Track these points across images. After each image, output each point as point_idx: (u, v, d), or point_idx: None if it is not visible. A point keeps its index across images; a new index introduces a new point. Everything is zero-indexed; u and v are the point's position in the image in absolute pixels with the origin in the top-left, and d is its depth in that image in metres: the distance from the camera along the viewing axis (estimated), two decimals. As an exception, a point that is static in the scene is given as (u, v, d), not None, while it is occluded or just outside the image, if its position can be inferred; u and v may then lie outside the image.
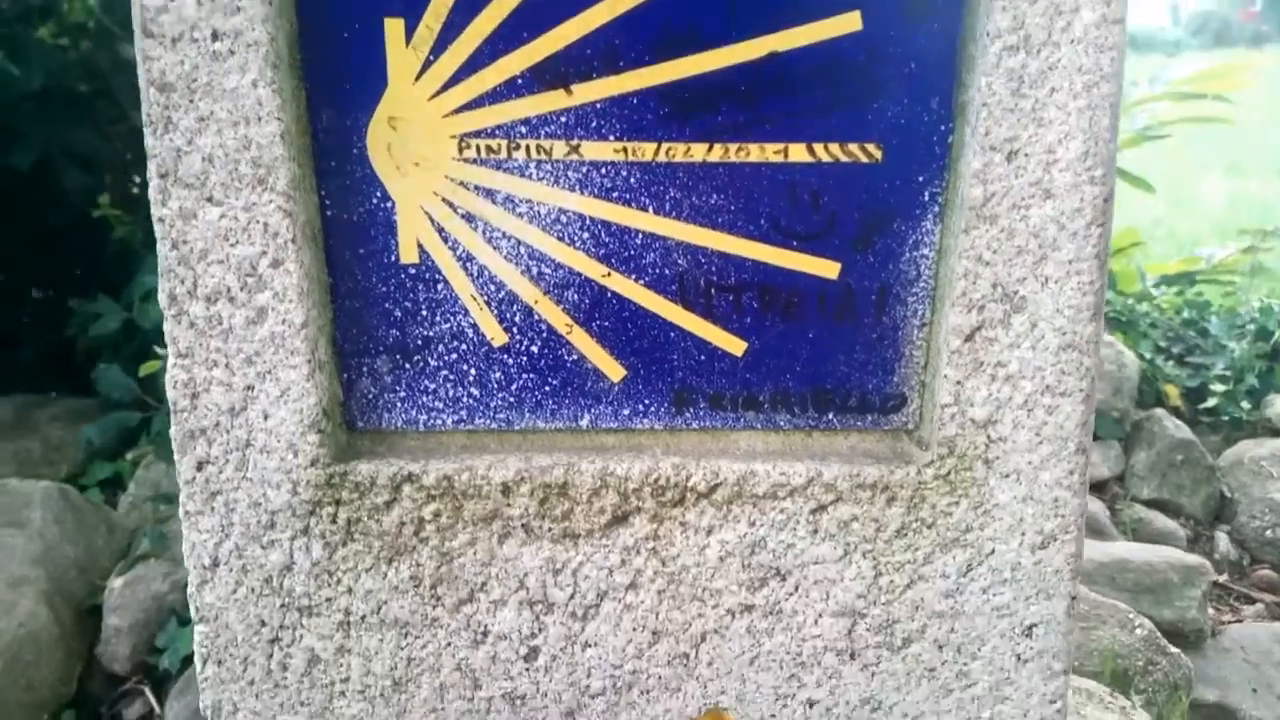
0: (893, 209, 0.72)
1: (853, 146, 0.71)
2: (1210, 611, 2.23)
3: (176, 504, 0.80)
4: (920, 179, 0.73)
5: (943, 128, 0.72)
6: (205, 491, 0.77)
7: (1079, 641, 1.85)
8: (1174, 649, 1.89)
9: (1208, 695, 1.96)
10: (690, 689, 0.85)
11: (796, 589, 0.82)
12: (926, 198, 0.73)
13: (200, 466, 0.76)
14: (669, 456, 0.78)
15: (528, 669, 0.84)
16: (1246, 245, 3.60)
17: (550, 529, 0.80)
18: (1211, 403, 2.89)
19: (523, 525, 0.80)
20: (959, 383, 0.75)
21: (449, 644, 0.83)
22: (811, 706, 0.85)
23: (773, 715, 0.86)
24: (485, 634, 0.83)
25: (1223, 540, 2.50)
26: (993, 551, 0.80)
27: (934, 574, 0.81)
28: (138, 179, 2.53)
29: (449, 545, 0.80)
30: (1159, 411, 2.70)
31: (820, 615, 0.82)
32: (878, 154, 0.71)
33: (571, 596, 0.82)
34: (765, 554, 0.80)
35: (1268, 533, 2.46)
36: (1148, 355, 2.93)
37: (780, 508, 0.79)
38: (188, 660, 1.71)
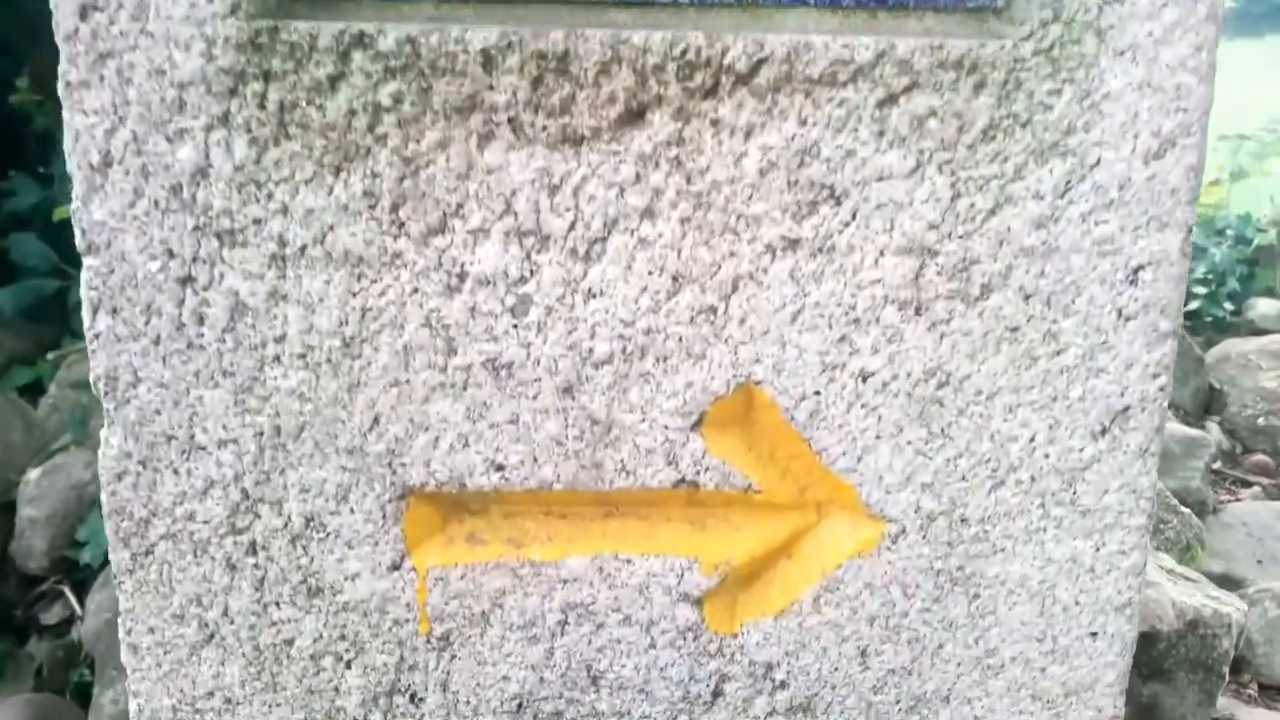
0: None
1: None
2: (1211, 494, 2.13)
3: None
4: None
5: None
6: (92, 52, 0.58)
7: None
8: (1185, 509, 1.78)
9: (1214, 567, 1.86)
10: (717, 355, 0.68)
11: (854, 216, 0.65)
12: None
13: (84, 13, 0.57)
14: (700, 25, 0.61)
15: (516, 326, 0.67)
16: (1236, 172, 3.54)
17: (545, 127, 0.62)
18: (1194, 305, 2.81)
19: (510, 120, 0.62)
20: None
21: (415, 289, 0.65)
22: (865, 380, 0.69)
23: (817, 392, 0.69)
24: (462, 277, 0.65)
25: (1214, 430, 2.41)
26: (1098, 162, 0.65)
27: (1025, 194, 0.65)
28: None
29: (414, 148, 0.62)
30: (1146, 304, 2.59)
31: (882, 253, 0.66)
32: None
33: (572, 226, 0.65)
34: (818, 165, 0.64)
35: (1259, 420, 2.38)
36: (1129, 261, 2.83)
37: (840, 99, 0.62)
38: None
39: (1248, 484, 2.29)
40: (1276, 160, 3.60)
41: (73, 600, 1.73)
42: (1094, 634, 0.76)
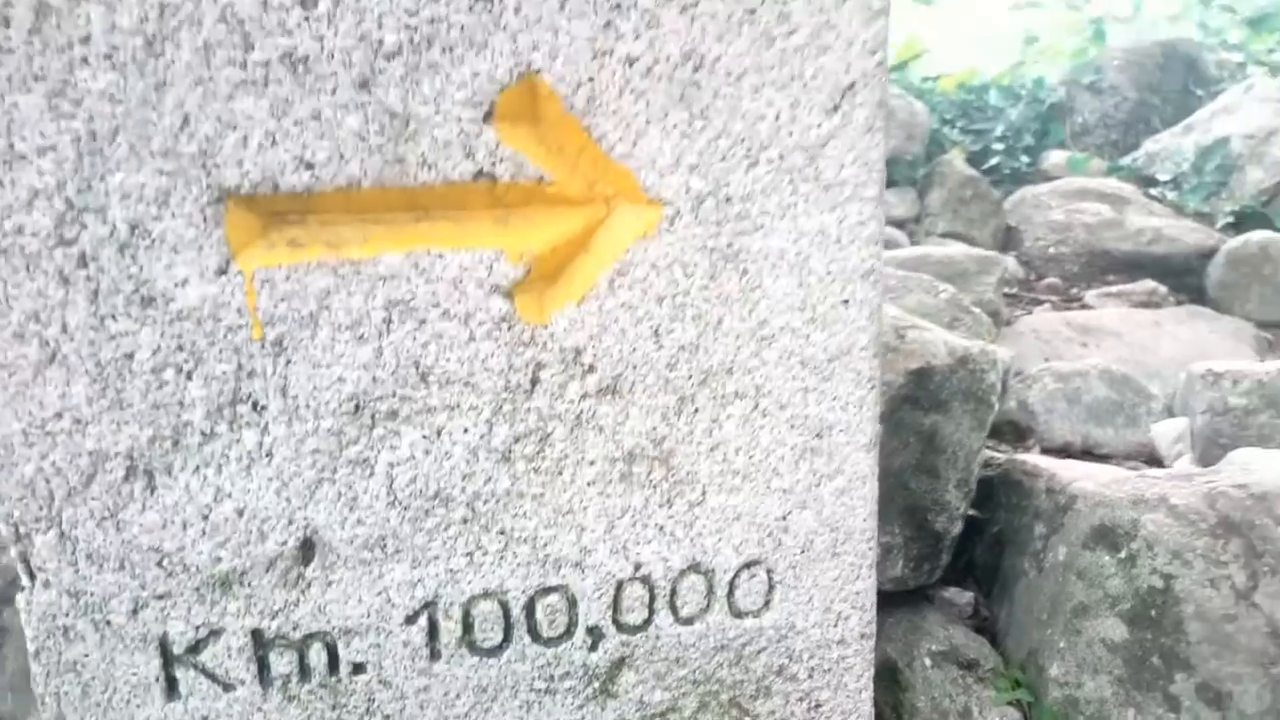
0: None
1: None
2: (1005, 309, 2.38)
3: None
4: None
5: None
6: None
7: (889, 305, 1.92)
8: (976, 309, 2.00)
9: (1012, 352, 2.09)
10: (497, 43, 0.77)
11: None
12: None
13: None
14: None
15: (307, 19, 0.73)
16: (1019, 55, 3.83)
17: None
18: (994, 161, 3.07)
19: None
20: None
21: None
22: (631, 65, 0.79)
23: (590, 79, 0.79)
24: None
25: (1011, 262, 2.67)
26: None
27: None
28: None
29: None
30: (949, 155, 2.84)
31: (633, -59, 0.76)
32: None
33: (352, -81, 0.72)
34: None
35: (1050, 250, 2.66)
36: (935, 126, 3.07)
37: None
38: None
39: (1040, 302, 2.57)
40: (1068, 27, 3.92)
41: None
42: (845, 301, 0.90)
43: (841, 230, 0.85)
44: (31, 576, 0.82)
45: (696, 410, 0.88)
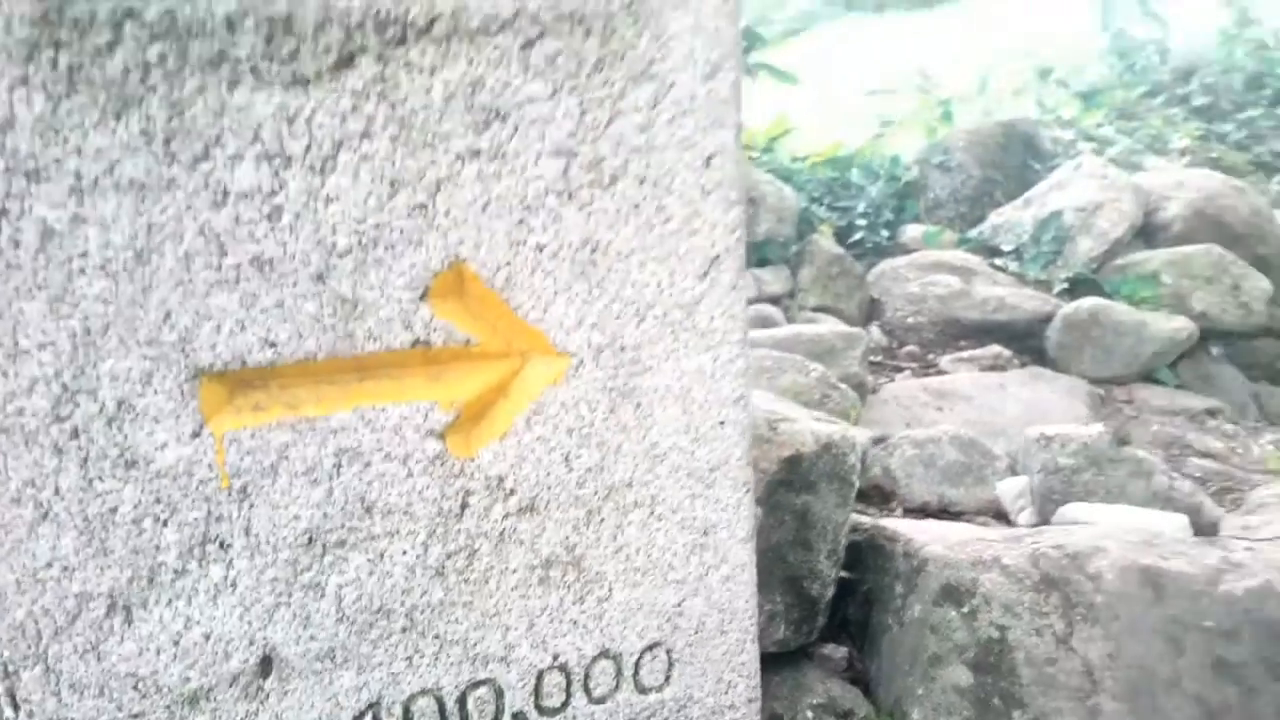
0: None
1: None
2: (871, 378, 2.63)
3: None
4: None
5: None
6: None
7: (766, 387, 2.13)
8: (843, 385, 2.23)
9: (872, 431, 2.33)
10: (431, 240, 0.93)
11: (516, 130, 0.92)
12: None
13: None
14: (387, -4, 0.86)
15: (273, 229, 0.88)
16: (877, 132, 4.18)
17: (279, 72, 0.84)
18: (858, 235, 3.36)
19: (251, 68, 0.83)
20: (631, -84, 0.89)
21: (189, 206, 0.85)
22: (541, 250, 0.97)
23: (508, 263, 0.96)
24: (226, 194, 0.86)
25: (875, 331, 2.94)
26: (674, 83, 0.95)
27: (630, 108, 0.94)
28: None
29: (178, 94, 0.82)
30: (817, 234, 3.11)
31: (539, 156, 0.93)
32: None
33: (308, 148, 0.87)
34: (485, 93, 0.90)
35: (908, 320, 2.93)
36: (804, 204, 3.35)
37: (494, 44, 0.89)
38: None
39: (901, 369, 2.84)
40: (923, 110, 4.29)
41: None
42: (722, 422, 1.09)
43: (715, 367, 1.04)
44: (15, 708, 0.92)
45: (602, 520, 1.05)
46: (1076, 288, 3.07)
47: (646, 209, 0.95)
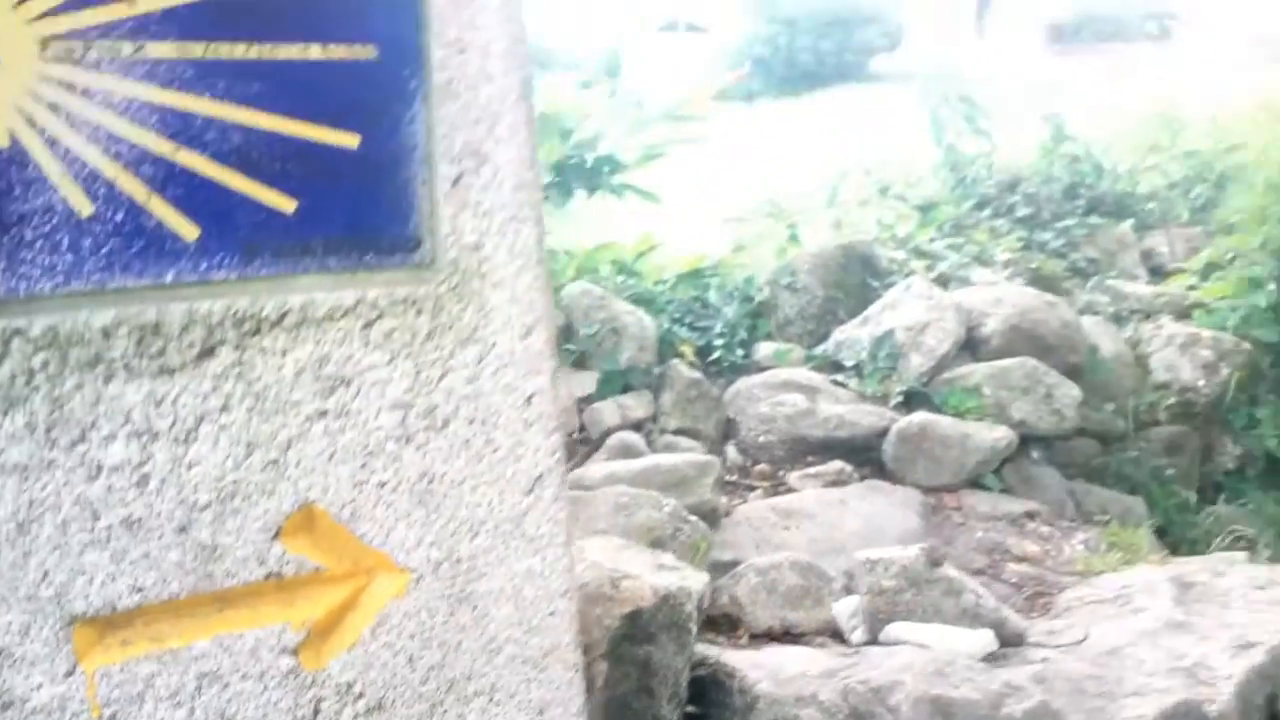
0: (389, 95, 1.04)
1: (356, 47, 1.01)
2: (724, 500, 2.84)
3: None
4: (406, 71, 1.03)
5: (417, 32, 1.03)
6: None
7: (623, 524, 2.31)
8: (694, 517, 2.42)
9: (724, 556, 2.52)
10: (284, 489, 1.07)
11: (360, 391, 1.07)
12: (413, 85, 1.05)
13: None
14: (244, 295, 1.01)
15: (141, 494, 1.00)
16: (737, 245, 4.48)
17: (149, 366, 0.98)
18: (716, 354, 3.60)
19: (124, 365, 0.97)
20: (453, 218, 1.07)
21: (67, 482, 0.96)
22: (382, 486, 1.11)
23: (353, 500, 1.11)
24: (99, 468, 0.98)
25: (731, 451, 3.15)
26: (496, 343, 1.13)
27: (459, 365, 1.10)
28: None
29: (59, 391, 0.95)
30: (675, 361, 3.33)
31: (379, 410, 1.09)
32: (374, 53, 1.02)
33: (173, 424, 1.00)
34: (332, 366, 1.05)
35: (760, 439, 3.16)
36: (666, 325, 3.59)
37: (338, 327, 1.05)
38: None
39: (754, 488, 3.06)
40: (773, 232, 4.62)
41: None
42: (552, 613, 1.25)
43: (544, 566, 1.20)
44: None
45: (445, 711, 1.19)
46: (911, 400, 3.36)
47: (476, 443, 1.11)
